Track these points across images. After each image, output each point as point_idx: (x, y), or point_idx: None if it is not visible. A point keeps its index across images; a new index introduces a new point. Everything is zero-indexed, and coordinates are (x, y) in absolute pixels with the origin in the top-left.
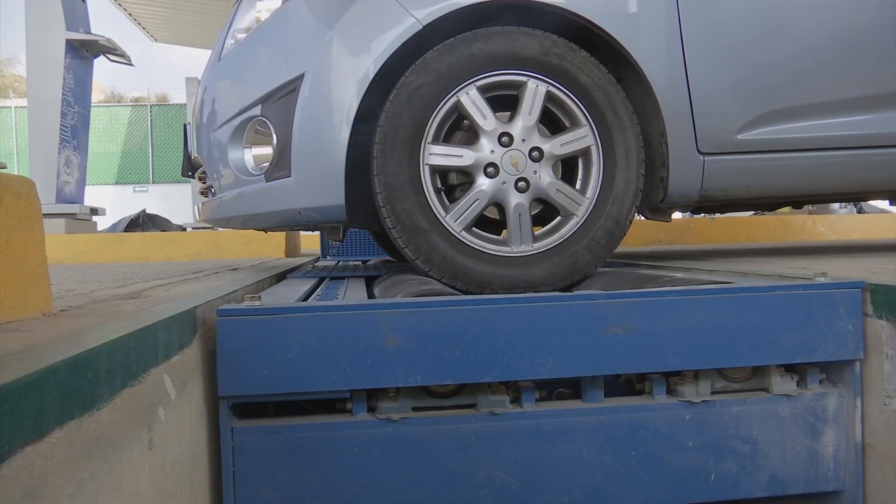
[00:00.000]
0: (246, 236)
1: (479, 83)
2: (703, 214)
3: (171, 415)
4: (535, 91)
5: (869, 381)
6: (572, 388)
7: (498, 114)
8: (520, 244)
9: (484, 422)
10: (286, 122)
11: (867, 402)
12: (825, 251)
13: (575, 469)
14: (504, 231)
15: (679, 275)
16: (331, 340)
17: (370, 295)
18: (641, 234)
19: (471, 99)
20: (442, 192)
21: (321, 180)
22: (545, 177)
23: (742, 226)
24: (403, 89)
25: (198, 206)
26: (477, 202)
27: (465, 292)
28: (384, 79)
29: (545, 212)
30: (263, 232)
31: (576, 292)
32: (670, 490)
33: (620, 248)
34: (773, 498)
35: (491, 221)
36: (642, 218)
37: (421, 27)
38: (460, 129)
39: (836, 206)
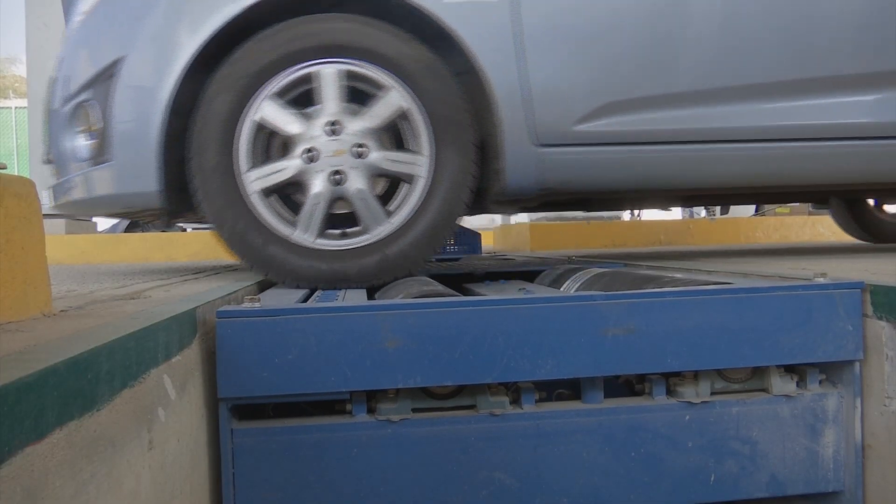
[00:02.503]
0: None
1: (282, 81)
2: (703, 215)
3: (170, 416)
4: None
5: (869, 382)
6: (572, 388)
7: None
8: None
9: (484, 423)
10: (108, 106)
11: (867, 403)
12: (825, 252)
13: (575, 470)
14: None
15: (679, 275)
16: (330, 342)
17: (370, 296)
18: (641, 234)
19: (271, 107)
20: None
21: (138, 166)
22: (361, 176)
23: (742, 226)
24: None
25: (48, 192)
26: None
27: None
28: (204, 66)
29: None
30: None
31: (575, 293)
32: (670, 491)
33: (620, 249)
34: (772, 498)
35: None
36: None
37: (236, 14)
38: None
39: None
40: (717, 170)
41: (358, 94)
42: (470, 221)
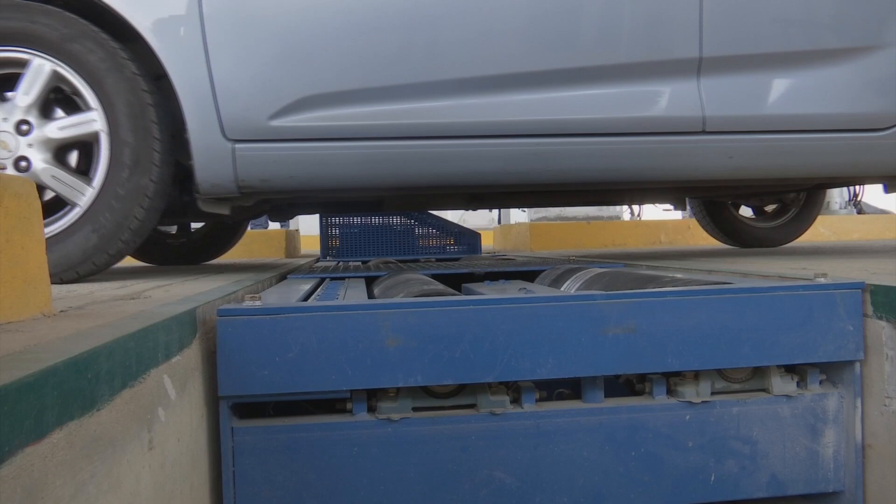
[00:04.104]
0: (246, 237)
1: None
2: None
3: (171, 415)
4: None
5: (869, 382)
6: (572, 388)
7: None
8: None
9: (484, 422)
10: None
11: (867, 403)
12: (825, 252)
13: (575, 469)
14: None
15: (679, 275)
16: (331, 340)
17: (370, 295)
18: (641, 234)
19: None
20: None
21: None
22: (40, 163)
23: None
24: None
25: None
26: None
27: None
28: None
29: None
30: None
31: (576, 293)
32: (670, 490)
33: (621, 249)
34: (773, 498)
35: None
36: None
37: None
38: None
39: (836, 206)
40: (435, 168)
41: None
42: (470, 221)
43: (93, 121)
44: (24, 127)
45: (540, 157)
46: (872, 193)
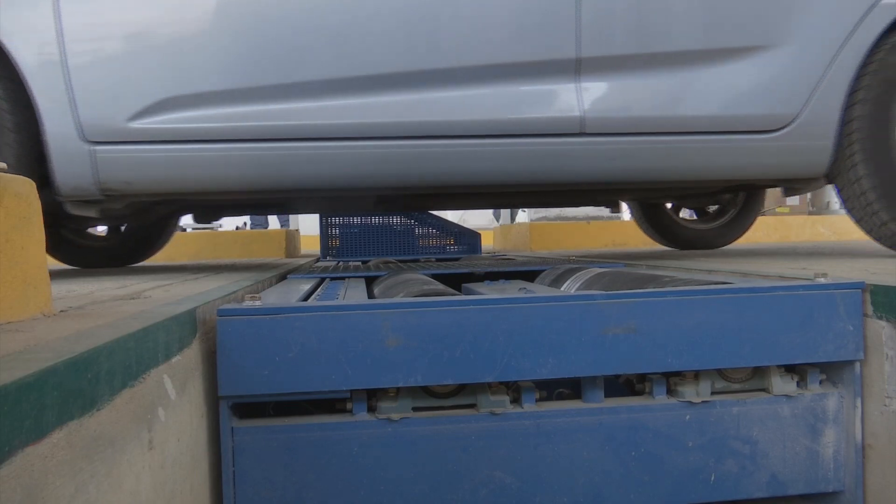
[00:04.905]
0: (246, 237)
1: None
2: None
3: (171, 415)
4: None
5: (869, 382)
6: (572, 388)
7: None
8: None
9: (484, 422)
10: None
11: (867, 403)
12: (825, 252)
13: (575, 469)
14: None
15: (679, 275)
16: (331, 340)
17: (370, 295)
18: (641, 234)
19: None
20: None
21: None
22: None
23: None
24: None
25: None
26: None
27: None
28: None
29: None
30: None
31: (576, 293)
32: (670, 490)
33: (621, 249)
34: (773, 498)
35: None
36: None
37: None
38: None
39: (836, 206)
40: (302, 170)
41: None
42: (470, 221)
43: None
44: None
45: (417, 159)
46: None
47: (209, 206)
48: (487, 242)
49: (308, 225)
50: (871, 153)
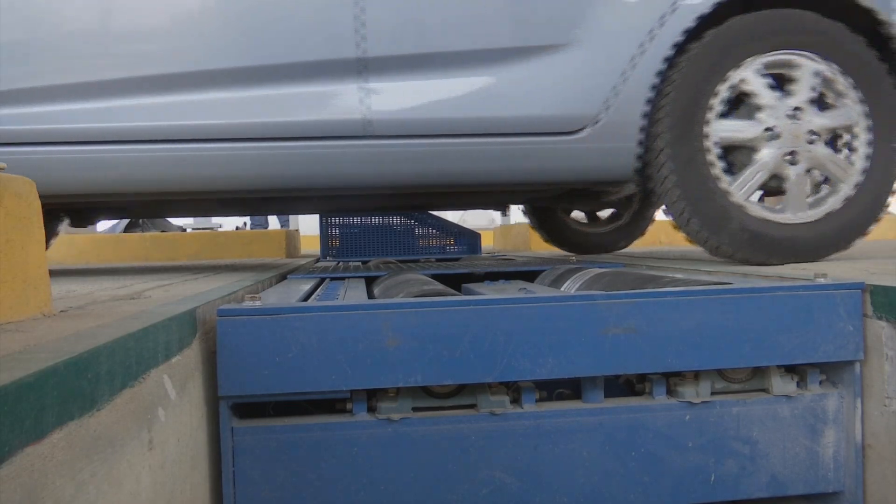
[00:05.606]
0: (246, 237)
1: None
2: None
3: (171, 415)
4: None
5: (869, 383)
6: (573, 388)
7: None
8: None
9: (484, 422)
10: None
11: (867, 403)
12: None
13: (575, 469)
14: None
15: (679, 275)
16: (331, 340)
17: (370, 295)
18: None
19: None
20: None
21: None
22: None
23: None
24: None
25: None
26: None
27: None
28: None
29: None
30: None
31: (576, 293)
32: (670, 490)
33: (621, 249)
34: (773, 498)
35: None
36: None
37: None
38: None
39: None
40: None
41: None
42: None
43: None
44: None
45: (182, 163)
46: None
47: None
48: (487, 242)
49: (308, 225)
50: (680, 158)
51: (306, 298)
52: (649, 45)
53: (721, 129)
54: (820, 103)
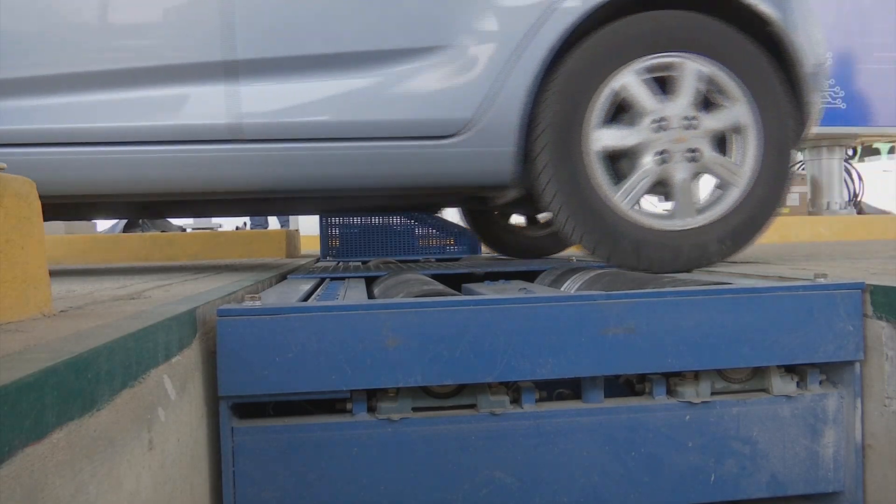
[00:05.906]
0: (246, 237)
1: None
2: None
3: (171, 415)
4: None
5: (869, 382)
6: (572, 388)
7: None
8: None
9: (484, 422)
10: None
11: (867, 403)
12: (825, 252)
13: (575, 469)
14: None
15: (679, 275)
16: (331, 340)
17: (370, 295)
18: None
19: None
20: None
21: None
22: None
23: None
24: None
25: None
26: None
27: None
28: None
29: None
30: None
31: (576, 293)
32: (670, 490)
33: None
34: (773, 498)
35: None
36: None
37: None
38: None
39: (836, 206)
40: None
41: None
42: None
43: None
44: None
45: (46, 168)
46: (872, 194)
47: None
48: None
49: (308, 225)
50: (560, 168)
51: (306, 298)
52: (526, 48)
53: (603, 138)
54: (710, 105)
